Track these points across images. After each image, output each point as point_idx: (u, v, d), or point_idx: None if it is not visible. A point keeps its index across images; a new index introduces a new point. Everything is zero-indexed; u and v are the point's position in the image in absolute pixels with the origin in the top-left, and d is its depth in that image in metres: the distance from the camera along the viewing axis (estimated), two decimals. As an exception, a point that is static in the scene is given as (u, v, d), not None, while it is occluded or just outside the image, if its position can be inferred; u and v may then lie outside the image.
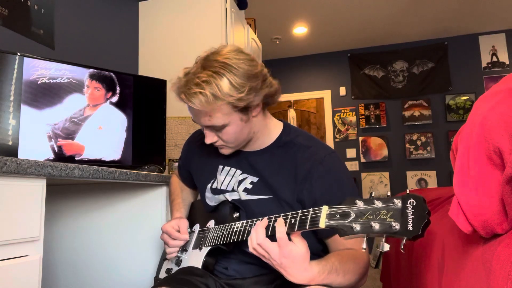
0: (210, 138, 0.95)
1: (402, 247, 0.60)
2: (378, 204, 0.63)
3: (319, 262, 0.77)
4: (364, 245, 0.64)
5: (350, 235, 0.64)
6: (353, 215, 0.65)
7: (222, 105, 0.87)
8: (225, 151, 1.00)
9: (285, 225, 0.75)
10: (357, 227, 0.63)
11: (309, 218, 0.71)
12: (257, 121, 0.98)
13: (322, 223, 0.68)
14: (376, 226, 0.61)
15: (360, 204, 0.65)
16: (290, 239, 0.74)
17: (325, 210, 0.69)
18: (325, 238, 0.91)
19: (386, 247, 0.61)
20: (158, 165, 1.68)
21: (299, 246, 0.73)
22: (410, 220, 0.58)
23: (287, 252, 0.72)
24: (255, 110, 0.95)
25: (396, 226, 0.59)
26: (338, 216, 0.67)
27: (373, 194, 0.67)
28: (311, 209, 0.72)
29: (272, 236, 0.77)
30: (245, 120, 0.93)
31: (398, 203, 0.61)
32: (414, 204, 0.59)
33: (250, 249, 0.77)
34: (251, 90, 0.88)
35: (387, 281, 1.72)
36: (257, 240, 0.75)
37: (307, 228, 0.71)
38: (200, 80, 0.85)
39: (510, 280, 0.53)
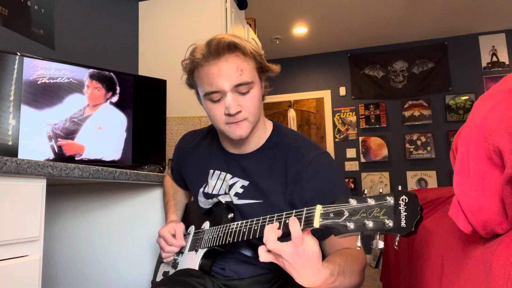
0: (235, 106, 0.88)
1: (396, 244, 0.60)
2: (371, 201, 0.63)
3: (328, 263, 0.75)
4: (359, 243, 0.64)
5: (345, 233, 0.64)
6: (346, 213, 0.65)
7: (251, 60, 0.90)
8: (244, 129, 0.92)
9: (280, 225, 0.74)
10: (351, 225, 0.63)
11: (303, 218, 0.71)
12: (262, 106, 0.99)
13: (317, 223, 0.68)
14: (369, 224, 0.61)
15: (353, 202, 0.65)
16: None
17: (318, 209, 0.69)
18: (321, 239, 0.90)
19: (380, 244, 0.62)
20: (158, 165, 1.67)
21: (312, 245, 0.70)
22: (403, 217, 0.59)
23: (301, 251, 0.68)
24: (263, 86, 0.97)
25: (390, 223, 0.59)
26: (332, 215, 0.66)
27: (365, 192, 0.66)
28: (305, 208, 0.72)
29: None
30: (262, 91, 0.96)
31: (390, 200, 0.61)
32: (407, 201, 0.59)
33: (261, 258, 0.73)
34: (264, 57, 0.93)
35: (387, 281, 1.73)
36: (268, 246, 0.71)
37: (301, 227, 0.70)
38: (230, 35, 0.87)
39: (510, 280, 0.53)
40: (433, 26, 4.14)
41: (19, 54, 1.34)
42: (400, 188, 0.62)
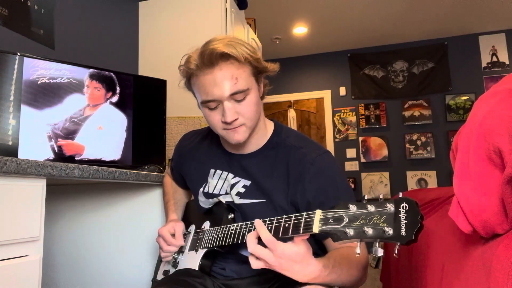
0: (231, 114, 0.88)
1: (396, 252, 0.59)
2: (371, 208, 0.62)
3: (322, 258, 0.77)
4: (358, 250, 0.63)
5: (344, 240, 0.63)
6: (346, 219, 0.64)
7: (246, 66, 0.89)
8: (241, 134, 0.92)
9: (280, 229, 0.74)
10: (351, 232, 0.63)
11: (302, 222, 0.71)
12: (261, 107, 0.98)
13: (316, 228, 0.67)
14: (369, 231, 0.61)
15: (353, 208, 0.64)
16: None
17: (318, 214, 0.68)
18: (322, 239, 0.91)
19: (380, 252, 0.60)
20: (158, 165, 1.67)
21: (294, 245, 0.71)
22: (403, 225, 0.58)
23: (280, 253, 0.71)
24: (261, 88, 0.97)
25: (389, 231, 0.59)
26: (331, 220, 0.66)
27: (365, 198, 0.66)
28: (304, 213, 0.72)
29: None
30: (259, 93, 0.96)
31: (391, 207, 0.60)
32: (407, 209, 0.58)
33: (253, 266, 0.75)
34: (260, 59, 0.93)
35: (387, 281, 1.73)
36: (248, 250, 0.74)
37: (301, 232, 0.70)
38: (223, 44, 0.86)
39: (510, 280, 0.53)
40: (433, 26, 4.14)
41: (19, 54, 1.34)
42: (401, 194, 0.61)
